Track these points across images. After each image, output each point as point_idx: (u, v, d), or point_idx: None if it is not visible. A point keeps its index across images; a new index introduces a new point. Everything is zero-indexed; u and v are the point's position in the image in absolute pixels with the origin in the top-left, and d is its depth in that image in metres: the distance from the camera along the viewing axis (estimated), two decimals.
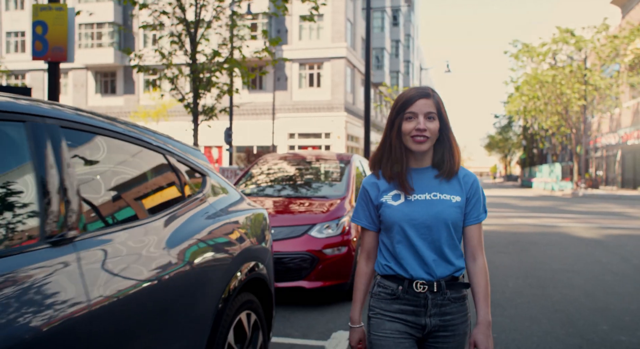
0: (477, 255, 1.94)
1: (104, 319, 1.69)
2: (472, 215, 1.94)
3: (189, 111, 10.02)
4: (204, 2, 9.53)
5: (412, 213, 1.86)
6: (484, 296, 1.92)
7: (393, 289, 1.90)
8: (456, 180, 1.92)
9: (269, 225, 3.31)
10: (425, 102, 1.86)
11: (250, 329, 2.79)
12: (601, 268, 7.34)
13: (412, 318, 1.88)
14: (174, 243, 2.18)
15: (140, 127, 2.40)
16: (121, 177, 2.17)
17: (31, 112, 1.75)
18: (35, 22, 5.52)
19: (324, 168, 7.08)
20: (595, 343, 4.14)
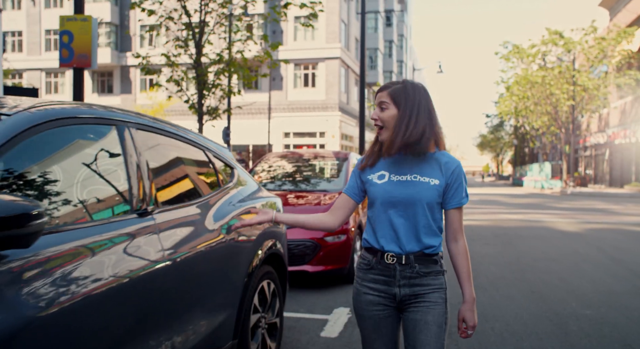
0: (458, 237, 2.10)
1: (173, 269, 2.28)
2: (454, 199, 2.06)
3: (194, 111, 10.56)
4: (208, 9, 10.07)
5: (392, 192, 2.03)
6: (467, 275, 2.08)
7: (369, 260, 2.08)
8: (437, 165, 2.06)
9: (282, 211, 3.90)
10: (380, 94, 2.05)
11: (270, 295, 3.39)
12: (578, 257, 7.97)
13: (383, 287, 2.05)
14: (218, 220, 2.77)
15: (184, 128, 2.99)
16: (176, 167, 2.77)
17: (118, 118, 2.33)
18: (62, 32, 6.07)
19: (324, 165, 7.69)
20: (563, 316, 4.75)
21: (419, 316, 2.02)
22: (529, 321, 4.60)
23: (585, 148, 42.96)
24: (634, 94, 32.46)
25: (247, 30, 10.78)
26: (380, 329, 2.08)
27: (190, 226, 2.54)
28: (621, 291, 5.73)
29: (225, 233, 2.85)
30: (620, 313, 4.85)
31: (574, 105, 33.79)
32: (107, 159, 2.21)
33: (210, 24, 10.26)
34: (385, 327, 2.08)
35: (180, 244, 2.38)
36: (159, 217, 2.32)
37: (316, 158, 7.84)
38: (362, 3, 13.60)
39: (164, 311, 2.21)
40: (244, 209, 3.20)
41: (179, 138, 2.83)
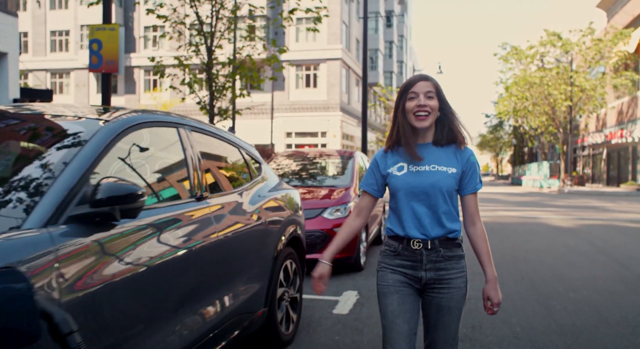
0: (475, 220, 2.23)
1: (222, 244, 2.83)
2: (470, 185, 2.20)
3: (205, 112, 11.09)
4: (219, 16, 10.60)
5: (413, 182, 2.15)
6: (487, 256, 2.20)
7: (395, 247, 2.20)
8: (453, 154, 2.19)
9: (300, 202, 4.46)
10: (425, 83, 2.15)
11: (292, 273, 3.94)
12: (568, 249, 8.52)
13: (410, 271, 2.18)
14: (253, 206, 3.33)
15: (223, 130, 3.54)
16: (220, 162, 3.32)
17: (177, 121, 2.88)
18: (91, 40, 6.62)
19: (331, 163, 8.25)
20: (548, 297, 5.30)
21: (444, 302, 2.17)
22: (518, 301, 5.15)
23: (584, 147, 43.50)
24: (631, 95, 33.01)
25: (251, 32, 11.25)
26: (404, 304, 2.17)
27: (233, 211, 3.09)
28: (604, 277, 6.28)
29: (258, 218, 3.40)
30: (600, 295, 5.40)
31: (571, 105, 34.34)
32: (172, 155, 2.76)
33: (222, 30, 10.78)
34: (409, 304, 2.18)
35: (227, 224, 2.93)
36: (211, 201, 2.87)
37: (323, 157, 8.41)
38: (365, 8, 14.14)
39: (215, 277, 2.76)
40: (271, 198, 3.75)
41: (220, 138, 3.38)
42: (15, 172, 2.02)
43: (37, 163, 2.04)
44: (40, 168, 2.00)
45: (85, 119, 2.37)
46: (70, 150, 2.08)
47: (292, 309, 3.91)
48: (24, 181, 1.93)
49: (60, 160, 2.02)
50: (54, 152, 2.08)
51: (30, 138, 2.21)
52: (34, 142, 2.18)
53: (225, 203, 3.04)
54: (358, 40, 41.97)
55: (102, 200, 1.91)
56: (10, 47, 13.73)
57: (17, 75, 13.98)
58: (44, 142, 2.15)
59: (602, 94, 34.14)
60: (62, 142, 2.13)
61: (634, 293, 5.52)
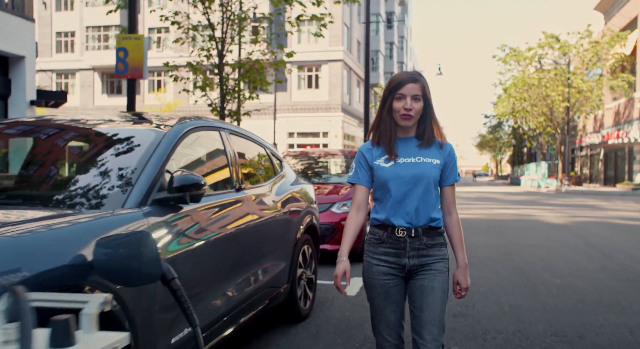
0: (452, 210, 2.36)
1: (257, 227, 3.42)
2: (450, 177, 2.34)
3: (216, 114, 11.67)
4: (230, 22, 11.17)
5: (400, 173, 2.26)
6: (459, 243, 2.35)
7: (380, 235, 2.30)
8: (436, 147, 2.32)
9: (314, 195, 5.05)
10: (413, 85, 2.23)
11: (309, 257, 4.53)
12: (560, 243, 9.11)
13: (394, 259, 2.28)
14: (278, 197, 3.92)
15: (252, 133, 4.13)
16: (251, 159, 3.91)
17: (219, 126, 3.47)
18: (118, 48, 7.21)
19: (337, 162, 8.85)
20: (536, 284, 5.88)
21: (426, 282, 2.26)
22: (508, 287, 5.74)
23: (581, 148, 44.11)
24: (627, 96, 33.60)
25: (257, 35, 11.74)
26: (389, 296, 2.30)
27: (263, 201, 3.68)
28: (589, 268, 6.86)
29: (282, 208, 3.99)
30: (582, 281, 5.99)
31: (568, 106, 34.94)
32: (217, 153, 3.36)
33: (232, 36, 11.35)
34: (394, 295, 2.30)
35: (259, 211, 3.52)
36: (247, 192, 3.46)
37: (327, 156, 9.04)
38: (367, 14, 14.72)
39: (252, 253, 3.35)
40: (292, 191, 4.35)
41: (250, 139, 3.98)
42: (110, 168, 2.61)
43: (126, 160, 2.62)
44: (128, 164, 2.59)
45: (154, 126, 2.96)
46: (148, 150, 2.67)
47: (308, 288, 4.50)
48: (119, 175, 2.52)
49: (142, 158, 2.61)
50: (137, 151, 2.67)
51: (116, 142, 2.80)
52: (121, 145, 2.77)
53: (257, 194, 3.64)
54: (359, 41, 42.57)
55: (176, 188, 2.50)
56: (27, 51, 14.30)
57: (34, 77, 14.55)
58: (129, 144, 2.74)
59: (598, 95, 34.74)
60: (142, 143, 2.72)
61: (613, 280, 6.11)
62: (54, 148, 2.82)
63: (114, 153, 2.71)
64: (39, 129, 3.02)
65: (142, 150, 2.68)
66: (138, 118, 3.33)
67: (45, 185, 2.61)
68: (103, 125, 3.03)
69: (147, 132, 2.88)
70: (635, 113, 32.38)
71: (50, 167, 2.73)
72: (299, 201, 4.39)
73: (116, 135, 2.85)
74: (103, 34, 39.00)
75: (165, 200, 2.52)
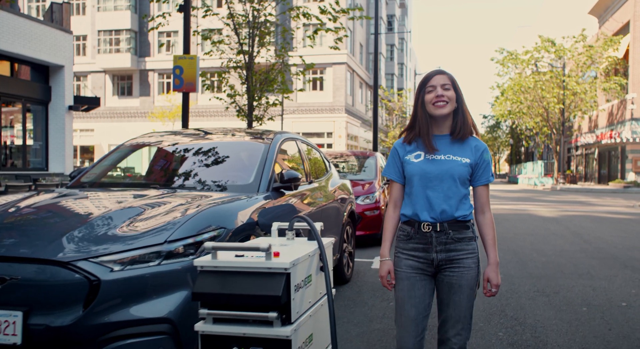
0: (485, 209, 2.37)
1: (323, 209, 4.80)
2: (483, 177, 2.35)
3: (242, 118, 13.00)
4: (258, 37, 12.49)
5: (427, 168, 2.29)
6: (492, 242, 2.35)
7: (408, 231, 2.34)
8: (468, 147, 2.33)
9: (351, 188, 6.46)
10: (441, 77, 2.30)
11: (350, 235, 5.92)
12: (548, 232, 10.50)
13: (422, 254, 2.32)
14: (332, 189, 5.32)
15: (310, 141, 5.52)
16: (313, 160, 5.31)
17: (294, 137, 4.86)
18: (175, 66, 8.58)
19: (353, 162, 10.25)
20: (525, 260, 7.27)
21: (454, 280, 2.30)
22: (502, 262, 7.12)
23: (577, 147, 45.55)
24: (619, 98, 35.05)
25: (265, 36, 12.87)
26: (413, 290, 2.33)
27: (324, 191, 5.08)
28: (570, 250, 8.26)
29: (334, 196, 5.38)
30: (563, 259, 7.39)
31: (563, 108, 36.38)
32: (296, 156, 4.75)
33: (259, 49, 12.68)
34: (418, 290, 2.33)
35: (323, 198, 4.92)
36: (315, 184, 4.86)
37: (342, 157, 10.45)
38: (375, 27, 16.07)
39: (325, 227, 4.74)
40: (339, 184, 5.74)
41: (311, 146, 5.37)
42: (244, 166, 3.99)
43: (252, 162, 4.01)
44: (254, 164, 3.98)
45: (263, 137, 4.36)
46: (263, 154, 4.06)
47: (350, 259, 5.90)
48: (251, 171, 3.91)
49: (261, 160, 4.00)
50: (257, 155, 4.06)
51: (242, 149, 4.19)
52: (246, 151, 4.16)
53: (320, 186, 5.03)
54: (362, 44, 43.98)
55: (285, 180, 3.89)
56: (66, 60, 15.68)
57: (72, 84, 15.92)
58: (251, 151, 4.13)
59: (592, 97, 36.18)
60: (258, 150, 4.11)
61: (588, 258, 7.50)
62: (204, 153, 4.21)
63: (244, 157, 4.11)
64: (189, 140, 4.43)
65: (259, 154, 4.07)
66: (249, 133, 4.70)
67: (202, 177, 3.99)
68: (230, 138, 4.43)
69: (258, 143, 4.28)
70: (627, 115, 33.79)
71: (206, 166, 4.11)
72: (343, 192, 5.78)
73: (241, 145, 4.26)
74: (114, 37, 40.31)
75: (278, 188, 3.91)
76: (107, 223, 2.85)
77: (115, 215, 2.95)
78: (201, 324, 1.95)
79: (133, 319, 2.55)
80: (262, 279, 1.87)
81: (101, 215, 2.94)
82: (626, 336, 4.07)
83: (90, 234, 2.74)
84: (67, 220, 2.93)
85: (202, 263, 1.96)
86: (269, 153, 4.08)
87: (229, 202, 3.31)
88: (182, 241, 2.77)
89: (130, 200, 3.29)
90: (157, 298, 2.61)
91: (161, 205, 3.18)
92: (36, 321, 2.50)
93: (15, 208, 3.15)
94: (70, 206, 3.24)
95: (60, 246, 2.63)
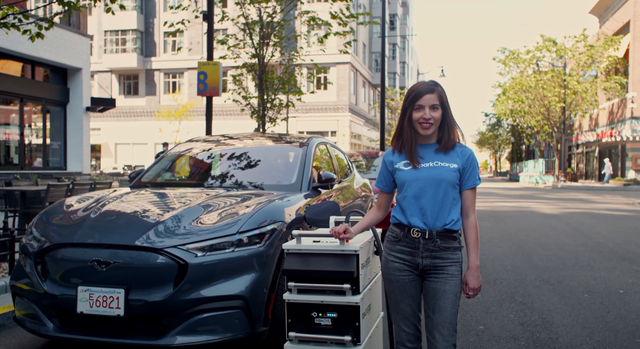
0: (469, 213, 2.44)
1: (350, 205, 5.35)
2: (470, 181, 2.42)
3: (256, 119, 13.54)
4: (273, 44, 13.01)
5: (418, 175, 2.38)
6: (474, 245, 2.41)
7: (397, 233, 2.43)
8: (454, 153, 2.42)
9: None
10: (430, 96, 2.35)
11: None
12: (550, 228, 11.05)
13: (409, 257, 2.40)
14: (356, 186, 5.87)
15: (336, 145, 6.07)
16: (339, 162, 5.86)
17: (326, 142, 5.41)
18: (199, 72, 9.12)
19: (365, 161, 10.81)
20: (529, 254, 7.81)
21: (439, 286, 2.37)
22: (509, 255, 7.67)
23: (577, 146, 46.08)
24: (619, 97, 35.57)
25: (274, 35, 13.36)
26: (405, 291, 2.43)
27: (351, 189, 5.63)
28: (572, 244, 8.80)
29: (360, 194, 5.93)
30: (565, 253, 7.94)
31: (564, 106, 36.92)
32: (328, 158, 5.30)
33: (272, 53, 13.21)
34: (410, 289, 2.43)
35: (351, 196, 5.47)
36: (343, 184, 5.40)
37: (359, 157, 10.99)
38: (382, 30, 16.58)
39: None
40: (362, 183, 6.29)
41: (337, 149, 5.93)
42: (286, 169, 4.54)
43: (293, 164, 4.55)
44: (294, 166, 4.52)
45: (299, 141, 4.91)
46: (302, 157, 4.61)
47: None
48: (292, 173, 4.46)
49: (301, 162, 4.54)
50: (297, 158, 4.61)
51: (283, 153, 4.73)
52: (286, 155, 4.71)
53: (348, 186, 5.58)
54: (364, 44, 44.50)
55: (323, 180, 4.43)
56: (83, 63, 16.22)
57: (89, 86, 16.45)
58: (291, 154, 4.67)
59: (593, 96, 36.72)
60: (297, 154, 4.66)
61: (589, 252, 8.05)
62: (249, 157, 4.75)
63: (285, 160, 4.66)
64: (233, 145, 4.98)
65: (298, 157, 4.62)
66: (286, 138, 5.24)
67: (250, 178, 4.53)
68: (270, 143, 4.99)
69: (296, 147, 4.83)
70: (627, 113, 34.32)
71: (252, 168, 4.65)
72: (365, 191, 6.33)
73: (282, 149, 4.83)
74: (120, 37, 40.84)
75: (317, 187, 4.45)
76: (184, 218, 3.40)
77: (190, 211, 3.50)
78: (288, 294, 2.50)
79: (213, 296, 3.10)
80: (338, 259, 2.42)
81: (178, 212, 3.48)
82: (623, 317, 4.62)
83: (174, 226, 3.29)
84: (152, 215, 3.48)
85: (289, 246, 2.51)
86: (307, 156, 4.62)
87: (279, 200, 3.85)
88: (249, 233, 3.32)
89: (196, 199, 3.83)
90: (232, 279, 3.16)
91: (223, 202, 3.72)
92: (135, 297, 3.05)
93: (104, 206, 3.70)
94: (149, 203, 3.79)
95: (154, 236, 3.18)
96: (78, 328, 3.18)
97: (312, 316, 2.44)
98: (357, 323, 2.42)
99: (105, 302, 3.04)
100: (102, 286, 3.07)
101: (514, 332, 4.19)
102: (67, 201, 3.96)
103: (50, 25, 5.93)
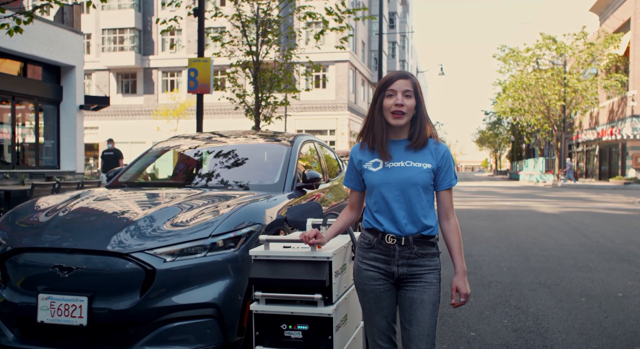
0: (449, 215, 2.24)
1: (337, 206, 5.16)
2: (445, 181, 2.22)
3: (250, 117, 13.34)
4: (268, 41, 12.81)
5: (388, 178, 2.17)
6: (458, 249, 2.22)
7: (370, 239, 2.24)
8: (428, 150, 2.21)
9: None
10: (404, 82, 2.15)
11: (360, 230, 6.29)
12: (549, 227, 10.85)
13: (383, 265, 2.21)
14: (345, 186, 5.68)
15: (325, 143, 5.87)
16: (328, 161, 5.66)
17: (313, 139, 5.20)
18: (190, 69, 8.90)
19: None
20: (527, 254, 7.62)
21: (416, 295, 2.18)
22: (506, 256, 7.48)
23: (578, 144, 45.86)
24: (620, 95, 35.36)
25: (270, 33, 13.15)
26: (380, 302, 2.25)
27: (338, 189, 5.43)
28: (569, 243, 8.60)
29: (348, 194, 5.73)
30: (564, 253, 7.74)
31: (564, 105, 36.69)
32: (315, 157, 5.10)
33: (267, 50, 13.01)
34: (384, 300, 2.25)
35: (338, 196, 5.27)
36: (332, 183, 5.20)
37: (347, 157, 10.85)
38: (380, 28, 16.38)
39: None
40: None
41: (327, 147, 5.72)
42: (270, 167, 4.34)
43: (276, 163, 4.36)
44: (279, 165, 4.32)
45: (284, 139, 4.71)
46: (286, 156, 4.41)
47: None
48: (276, 172, 4.26)
49: (285, 161, 4.34)
50: (280, 157, 4.41)
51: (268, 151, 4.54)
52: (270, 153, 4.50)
53: (336, 185, 5.38)
54: (363, 42, 44.26)
55: (308, 179, 4.23)
56: (77, 60, 16.02)
57: (82, 84, 16.26)
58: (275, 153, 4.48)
59: (593, 94, 36.49)
60: (281, 152, 4.46)
61: (587, 252, 7.85)
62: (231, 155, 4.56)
63: (268, 159, 4.47)
64: (215, 143, 4.78)
65: (282, 156, 4.42)
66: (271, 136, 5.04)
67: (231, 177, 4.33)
68: (254, 141, 4.78)
69: (281, 145, 4.63)
70: (627, 111, 34.08)
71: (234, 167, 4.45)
72: None
73: (265, 147, 4.62)
74: (118, 36, 40.63)
75: (301, 187, 4.25)
76: (156, 219, 3.20)
77: (163, 212, 3.30)
78: (255, 305, 2.30)
79: (183, 304, 2.91)
80: (309, 266, 2.22)
81: (151, 212, 3.28)
82: (621, 323, 4.42)
83: (143, 229, 3.09)
84: (122, 217, 3.28)
85: (256, 253, 2.31)
86: (291, 154, 4.42)
87: (259, 200, 3.66)
88: (223, 236, 3.12)
89: (172, 199, 3.64)
90: (203, 286, 2.96)
91: (199, 203, 3.53)
92: (99, 305, 2.86)
93: (73, 206, 3.50)
94: (122, 204, 3.59)
95: (119, 240, 2.98)
96: (39, 338, 2.98)
97: (281, 328, 2.25)
98: (330, 337, 2.23)
99: (67, 310, 2.84)
100: (65, 293, 2.88)
101: (507, 339, 3.99)
102: (39, 201, 3.77)
103: (29, 20, 5.72)
